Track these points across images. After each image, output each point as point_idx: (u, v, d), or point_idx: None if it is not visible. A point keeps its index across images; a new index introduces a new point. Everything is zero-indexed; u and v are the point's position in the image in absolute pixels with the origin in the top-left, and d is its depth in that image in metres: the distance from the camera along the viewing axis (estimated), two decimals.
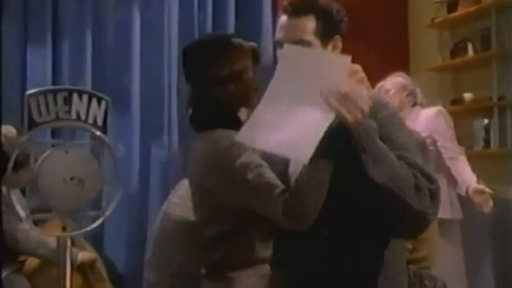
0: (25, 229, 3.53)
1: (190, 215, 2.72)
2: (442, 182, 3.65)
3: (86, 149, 1.97)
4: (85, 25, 4.16)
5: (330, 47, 1.79)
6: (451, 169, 3.74)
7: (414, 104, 3.85)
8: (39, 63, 4.06)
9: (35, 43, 4.07)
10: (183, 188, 3.07)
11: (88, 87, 4.13)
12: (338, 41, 1.80)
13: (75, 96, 1.94)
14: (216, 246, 2.01)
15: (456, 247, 3.84)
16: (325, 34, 1.77)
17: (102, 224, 4.12)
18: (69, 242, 1.98)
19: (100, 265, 3.80)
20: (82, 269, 3.66)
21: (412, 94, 3.84)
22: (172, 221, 2.91)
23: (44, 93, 1.90)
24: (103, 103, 1.97)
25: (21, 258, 3.60)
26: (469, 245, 3.96)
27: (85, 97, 1.94)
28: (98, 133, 1.97)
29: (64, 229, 3.75)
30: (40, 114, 1.89)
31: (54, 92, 1.93)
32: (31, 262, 3.57)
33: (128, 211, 4.19)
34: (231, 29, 4.44)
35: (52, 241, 3.58)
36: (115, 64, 4.24)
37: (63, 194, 1.87)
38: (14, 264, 3.55)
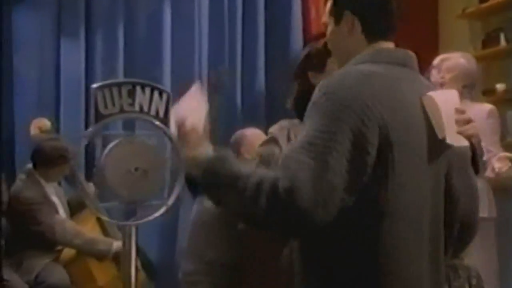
0: (61, 220, 3.63)
1: None
2: (481, 181, 3.58)
3: (149, 141, 2.02)
4: (117, 19, 4.22)
5: (343, 26, 1.67)
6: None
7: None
8: (72, 56, 4.14)
9: (69, 37, 4.14)
10: None
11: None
12: (354, 20, 1.65)
13: (138, 89, 1.98)
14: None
15: (489, 244, 3.80)
16: (335, 11, 1.68)
17: (135, 214, 4.25)
18: (134, 231, 2.03)
19: None
20: (116, 258, 3.74)
21: (471, 86, 3.41)
22: (206, 212, 2.96)
23: (109, 86, 1.95)
24: (164, 96, 2.01)
25: (58, 248, 3.68)
26: (503, 243, 3.93)
27: (147, 90, 1.99)
28: (160, 124, 2.01)
29: (98, 220, 3.84)
30: (105, 106, 1.94)
31: (119, 85, 1.98)
32: (67, 253, 3.66)
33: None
34: (261, 19, 4.47)
35: (87, 232, 3.67)
36: (147, 57, 4.30)
37: (128, 184, 1.92)
38: (52, 253, 3.63)
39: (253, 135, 3.48)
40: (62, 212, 3.74)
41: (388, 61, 1.64)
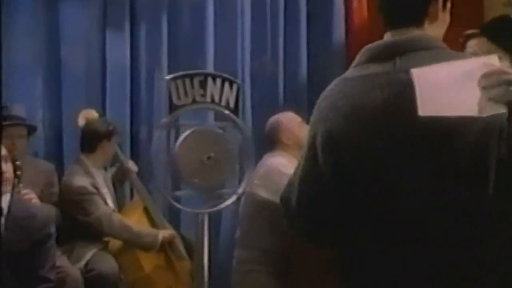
0: (109, 212, 3.70)
1: (272, 196, 2.80)
2: None
3: (220, 130, 2.06)
4: (161, 11, 4.26)
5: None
6: None
7: None
8: (118, 48, 4.20)
9: (114, 29, 4.20)
10: (263, 168, 3.15)
11: (164, 71, 4.26)
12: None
13: (209, 80, 2.03)
14: None
15: None
16: None
17: (179, 203, 4.30)
18: (207, 219, 2.08)
19: (179, 243, 3.94)
20: (163, 247, 3.81)
21: None
22: (255, 202, 3.00)
23: (182, 77, 2.01)
24: (234, 86, 2.06)
25: (106, 239, 3.76)
26: None
27: (218, 81, 2.03)
28: (231, 114, 2.06)
29: (146, 209, 3.91)
30: (179, 97, 1.99)
31: (191, 77, 2.03)
32: (116, 242, 3.73)
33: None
34: (303, 9, 4.48)
35: (134, 224, 3.75)
36: (190, 48, 4.34)
37: (200, 173, 1.98)
38: (101, 243, 3.71)
39: (289, 119, 3.49)
40: (111, 202, 3.82)
41: (368, 59, 1.67)
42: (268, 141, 3.31)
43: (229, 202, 2.11)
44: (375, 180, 1.51)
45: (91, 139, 3.85)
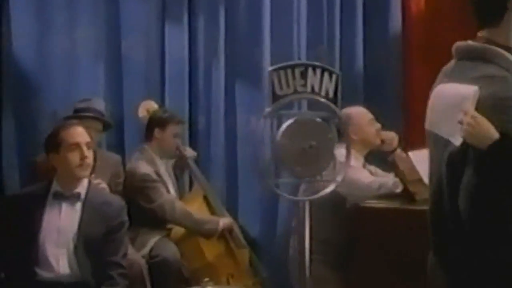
0: (171, 200, 3.79)
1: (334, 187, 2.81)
2: None
3: (321, 120, 2.14)
4: (219, 2, 4.32)
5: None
6: None
7: None
8: (176, 40, 4.28)
9: (173, 22, 4.28)
10: None
11: (222, 62, 4.34)
12: None
13: (310, 71, 2.10)
14: None
15: None
16: None
17: (236, 193, 4.37)
18: (307, 206, 2.15)
19: (238, 231, 4.00)
20: (222, 235, 3.88)
21: None
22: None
23: (284, 68, 2.09)
24: (333, 77, 2.13)
25: (169, 226, 3.85)
26: None
27: (318, 71, 2.11)
28: (330, 104, 2.14)
29: (205, 197, 3.98)
30: (281, 88, 2.07)
31: (292, 67, 2.11)
32: (178, 230, 3.82)
33: (261, 180, 4.36)
34: (359, 1, 4.46)
35: (195, 212, 3.82)
36: (247, 38, 4.38)
37: (302, 161, 2.06)
38: (164, 230, 3.81)
39: (359, 115, 3.49)
40: (173, 191, 3.91)
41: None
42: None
43: (328, 190, 2.17)
44: None
45: (151, 129, 3.93)
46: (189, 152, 4.08)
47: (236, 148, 4.37)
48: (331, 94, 2.12)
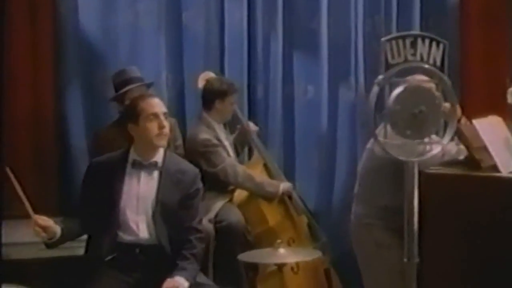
0: (233, 163, 3.92)
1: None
2: None
3: (430, 87, 2.30)
4: None
5: None
6: None
7: None
8: (235, 12, 4.35)
9: None
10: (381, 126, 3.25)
11: (279, 32, 4.41)
12: None
13: (419, 41, 2.25)
14: None
15: None
16: None
17: (294, 161, 4.47)
18: (416, 167, 2.30)
19: (296, 197, 4.11)
20: (282, 201, 3.99)
21: None
22: (376, 158, 3.11)
23: (396, 39, 2.26)
24: (441, 46, 2.26)
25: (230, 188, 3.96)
26: None
27: (427, 41, 2.25)
28: (438, 72, 2.29)
29: (265, 165, 4.09)
30: (393, 57, 2.23)
31: (403, 38, 2.28)
32: (240, 195, 3.94)
33: (318, 149, 4.45)
34: None
35: (256, 176, 3.94)
36: (304, 10, 4.43)
37: (413, 125, 2.22)
38: (227, 194, 3.93)
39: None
40: (232, 155, 4.03)
41: None
42: None
43: (435, 151, 2.33)
44: None
45: (209, 97, 4.04)
46: (253, 127, 4.19)
47: (294, 117, 4.46)
48: (438, 63, 2.28)
